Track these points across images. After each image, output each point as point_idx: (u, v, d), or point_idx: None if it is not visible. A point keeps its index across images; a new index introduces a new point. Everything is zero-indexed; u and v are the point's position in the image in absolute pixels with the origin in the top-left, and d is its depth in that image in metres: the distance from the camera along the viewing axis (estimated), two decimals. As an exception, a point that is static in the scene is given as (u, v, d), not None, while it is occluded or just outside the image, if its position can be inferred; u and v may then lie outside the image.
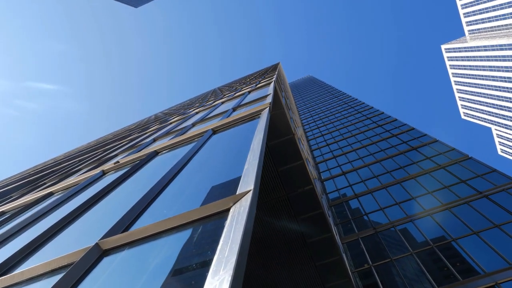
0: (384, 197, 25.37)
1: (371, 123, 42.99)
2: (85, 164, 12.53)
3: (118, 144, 16.65)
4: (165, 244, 2.70)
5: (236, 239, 2.09)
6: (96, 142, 41.69)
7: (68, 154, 38.01)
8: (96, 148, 23.45)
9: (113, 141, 23.76)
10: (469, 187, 21.93)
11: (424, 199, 22.93)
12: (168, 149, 7.93)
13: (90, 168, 10.34)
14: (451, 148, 28.18)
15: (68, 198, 6.65)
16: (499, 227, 17.47)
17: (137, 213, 3.82)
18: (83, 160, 15.89)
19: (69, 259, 3.14)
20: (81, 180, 8.34)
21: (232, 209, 2.73)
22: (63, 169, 15.31)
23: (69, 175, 11.22)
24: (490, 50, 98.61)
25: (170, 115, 27.65)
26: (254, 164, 3.54)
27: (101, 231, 3.74)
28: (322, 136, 46.40)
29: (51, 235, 4.47)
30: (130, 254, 2.82)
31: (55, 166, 21.68)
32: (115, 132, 57.39)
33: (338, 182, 31.06)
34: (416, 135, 33.62)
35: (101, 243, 3.13)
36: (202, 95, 54.71)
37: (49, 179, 12.61)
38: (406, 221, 21.47)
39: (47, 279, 3.02)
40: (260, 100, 10.51)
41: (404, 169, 28.19)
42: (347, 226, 24.24)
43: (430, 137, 31.92)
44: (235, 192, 3.11)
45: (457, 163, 25.48)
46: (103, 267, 2.80)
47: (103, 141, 32.10)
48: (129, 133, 24.40)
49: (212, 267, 1.97)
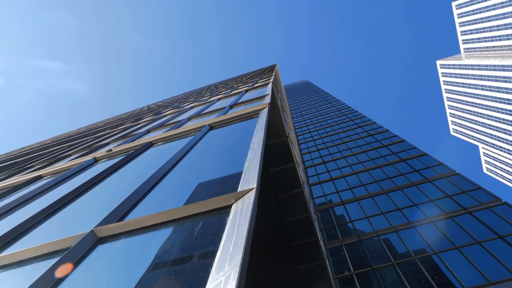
0: (370, 206, 25.58)
1: (363, 131, 43.31)
2: (75, 150, 12.37)
3: (110, 133, 16.48)
4: (164, 236, 2.68)
5: (241, 236, 2.08)
6: (86, 128, 41.23)
7: (56, 138, 37.51)
8: (86, 134, 23.18)
9: (104, 129, 23.52)
10: (454, 203, 22.24)
11: (409, 211, 23.18)
12: (164, 141, 7.88)
13: (81, 154, 10.21)
14: (439, 162, 28.54)
15: (58, 183, 6.56)
16: (480, 244, 17.74)
17: (133, 203, 3.78)
18: (73, 145, 15.69)
19: (62, 244, 3.10)
20: (72, 165, 8.23)
21: (234, 206, 2.72)
22: (51, 153, 15.10)
23: (58, 159, 11.06)
24: (484, 70, 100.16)
25: (163, 108, 27.48)
26: (256, 163, 3.54)
27: (95, 219, 3.70)
28: (313, 141, 46.59)
29: (42, 219, 4.40)
30: (127, 244, 2.79)
31: (43, 149, 21.37)
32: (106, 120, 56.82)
33: (326, 188, 31.21)
34: (406, 147, 33.97)
35: (96, 231, 3.09)
36: (197, 90, 54.50)
37: (37, 162, 12.41)
38: (390, 231, 21.67)
39: (39, 263, 2.97)
40: (258, 100, 10.51)
41: (392, 179, 28.46)
42: (331, 232, 24.38)
43: (419, 150, 32.29)
44: (236, 189, 3.10)
45: (444, 178, 25.82)
46: (98, 255, 2.77)
47: (93, 128, 31.76)
48: (121, 122, 24.18)
49: (215, 262, 1.96)
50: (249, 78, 32.10)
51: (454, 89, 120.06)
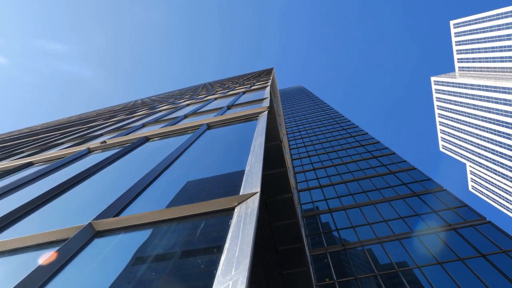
0: (357, 215, 25.73)
1: (354, 141, 43.60)
2: (68, 139, 12.22)
3: (104, 124, 16.32)
4: (165, 235, 2.66)
5: (247, 241, 2.07)
6: (77, 117, 40.78)
7: (47, 125, 37.04)
8: (78, 123, 22.93)
9: (97, 119, 23.29)
10: (440, 218, 22.49)
11: (395, 223, 23.36)
12: (160, 136, 7.83)
13: (74, 143, 10.10)
14: (428, 178, 28.86)
15: (51, 171, 6.47)
16: (462, 261, 17.96)
17: (131, 198, 3.75)
18: (65, 134, 15.50)
19: (58, 235, 3.05)
20: (65, 154, 8.13)
21: (237, 209, 2.71)
22: (42, 140, 14.90)
23: (50, 147, 10.92)
24: (476, 89, 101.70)
25: (158, 103, 27.33)
26: (258, 167, 3.54)
27: (91, 211, 3.65)
28: (305, 147, 46.74)
29: (35, 207, 4.33)
30: (126, 240, 2.76)
31: (33, 135, 21.08)
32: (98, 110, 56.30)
33: (314, 195, 31.32)
34: (396, 160, 34.28)
35: (94, 224, 3.05)
36: (192, 88, 54.33)
37: (27, 148, 12.23)
38: (375, 242, 21.82)
39: (34, 252, 2.93)
40: (256, 103, 10.51)
41: (380, 191, 28.68)
42: (316, 239, 24.45)
43: (409, 164, 32.61)
44: (238, 192, 3.09)
45: (432, 193, 26.11)
46: (95, 249, 2.73)
47: (85, 118, 31.44)
48: (114, 114, 23.97)
49: (221, 265, 1.95)
50: (246, 80, 32.11)
51: (446, 106, 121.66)
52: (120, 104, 71.53)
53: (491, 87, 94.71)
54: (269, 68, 58.65)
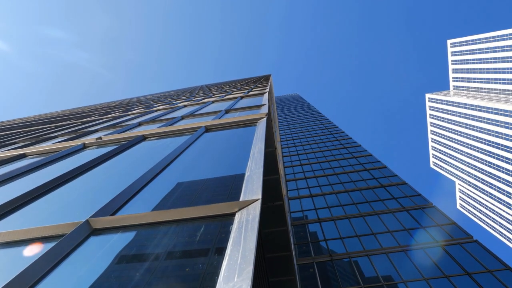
0: (346, 227, 25.78)
1: (347, 153, 43.80)
2: (62, 132, 12.10)
3: (99, 119, 16.20)
4: (164, 237, 2.64)
5: (250, 248, 2.06)
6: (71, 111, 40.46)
7: (40, 117, 36.69)
8: (72, 117, 22.75)
9: (91, 114, 23.13)
10: (428, 234, 22.62)
11: (383, 236, 23.45)
12: (157, 136, 7.79)
13: (69, 138, 10.00)
14: (418, 193, 29.06)
15: (45, 164, 6.40)
16: (448, 278, 18.06)
17: (128, 197, 3.71)
18: (59, 127, 15.36)
19: (54, 230, 3.01)
20: (59, 148, 8.04)
21: (238, 215, 2.70)
22: (35, 132, 14.74)
23: (43, 140, 10.80)
24: (470, 109, 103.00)
25: (154, 102, 27.23)
26: (258, 174, 3.53)
27: (87, 208, 3.61)
28: (298, 155, 46.84)
29: (28, 201, 4.27)
30: (123, 240, 2.73)
31: (25, 127, 20.86)
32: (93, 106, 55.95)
33: (304, 203, 31.34)
34: (387, 174, 34.48)
35: (91, 221, 3.02)
36: (189, 89, 54.26)
37: (19, 140, 12.09)
38: (363, 254, 21.86)
39: (27, 246, 2.88)
40: (254, 108, 10.53)
41: (370, 204, 28.79)
42: (303, 248, 24.44)
43: (399, 179, 32.82)
44: (238, 197, 3.09)
45: (421, 209, 26.27)
46: (91, 247, 2.70)
47: (79, 112, 31.20)
48: (110, 110, 23.82)
49: (223, 272, 1.93)
50: (243, 85, 32.18)
51: (439, 123, 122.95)
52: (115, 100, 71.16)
53: (484, 108, 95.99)
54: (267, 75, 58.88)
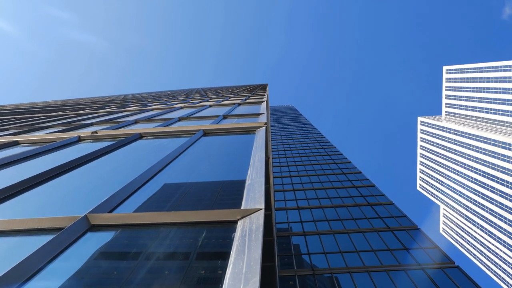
0: (330, 242, 25.79)
1: (337, 168, 44.01)
2: (56, 123, 11.95)
3: (94, 113, 16.06)
4: (164, 239, 2.61)
5: (255, 258, 2.05)
6: (64, 102, 40.05)
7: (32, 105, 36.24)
8: (66, 109, 22.52)
9: (85, 107, 22.93)
10: (411, 256, 22.73)
11: (366, 255, 23.49)
12: (154, 136, 7.75)
13: (63, 129, 9.89)
14: (403, 214, 29.25)
15: (39, 154, 6.30)
16: (428, 302, 18.13)
17: (126, 196, 3.67)
18: (53, 117, 15.18)
19: (50, 223, 2.95)
20: (54, 138, 7.94)
21: (240, 223, 2.69)
22: (28, 120, 14.55)
23: (36, 129, 10.66)
24: (460, 136, 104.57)
25: (150, 101, 27.12)
26: (260, 183, 3.53)
27: (84, 203, 3.56)
28: (288, 167, 46.92)
29: (22, 190, 4.19)
30: (122, 238, 2.69)
31: (18, 114, 20.59)
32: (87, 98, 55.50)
33: (291, 215, 31.32)
34: (375, 193, 34.69)
35: (90, 217, 2.97)
36: (185, 91, 54.19)
37: (12, 126, 11.91)
38: (345, 271, 21.85)
39: (22, 237, 2.82)
40: (252, 116, 10.55)
41: (356, 221, 28.88)
42: (285, 259, 24.35)
43: (387, 199, 33.03)
44: (239, 205, 3.07)
45: (405, 230, 26.43)
46: (89, 243, 2.66)
47: (73, 104, 30.91)
48: (104, 105, 23.65)
49: (227, 280, 1.91)
50: (240, 92, 32.27)
51: (429, 147, 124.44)
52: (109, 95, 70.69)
53: (473, 136, 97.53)
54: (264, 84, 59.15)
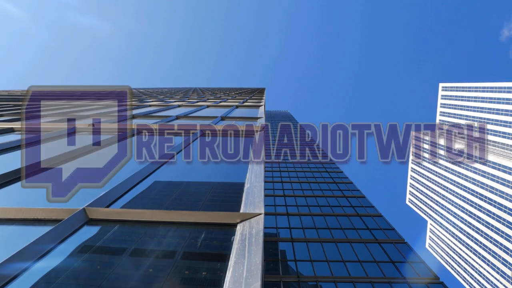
0: (317, 250, 25.79)
1: (329, 177, 44.10)
2: (52, 112, 11.86)
3: (90, 105, 15.97)
4: (163, 237, 2.60)
5: (256, 263, 2.05)
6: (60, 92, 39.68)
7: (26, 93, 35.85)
8: (62, 98, 22.36)
9: (81, 98, 22.79)
10: (396, 270, 22.82)
11: (353, 265, 23.53)
12: (152, 132, 7.72)
13: (60, 119, 9.82)
14: (392, 227, 29.37)
15: (35, 143, 6.24)
16: (410, 316, 18.20)
17: (124, 191, 3.65)
18: (48, 106, 15.06)
19: (47, 214, 2.93)
20: (50, 128, 7.87)
21: (240, 227, 2.69)
22: (22, 107, 14.42)
23: (32, 117, 10.57)
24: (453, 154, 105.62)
25: (147, 96, 27.03)
26: (260, 187, 3.53)
27: (80, 195, 3.54)
28: (280, 172, 46.94)
29: (17, 178, 4.15)
30: (120, 234, 2.68)
31: (12, 100, 20.39)
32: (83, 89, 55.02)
33: (280, 221, 31.28)
34: (365, 204, 34.79)
35: (88, 210, 2.95)
36: (182, 90, 54.06)
37: (7, 113, 11.80)
38: (330, 280, 21.85)
39: (18, 226, 2.80)
40: (250, 120, 10.56)
41: (344, 231, 28.92)
42: (271, 265, 24.27)
43: (376, 211, 33.15)
44: (239, 208, 3.07)
45: (392, 243, 26.54)
46: (86, 236, 2.64)
47: (69, 94, 30.68)
48: (101, 97, 23.52)
49: (227, 283, 1.91)
50: (238, 94, 32.29)
51: (420, 162, 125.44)
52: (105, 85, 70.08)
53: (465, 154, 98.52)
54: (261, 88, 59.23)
